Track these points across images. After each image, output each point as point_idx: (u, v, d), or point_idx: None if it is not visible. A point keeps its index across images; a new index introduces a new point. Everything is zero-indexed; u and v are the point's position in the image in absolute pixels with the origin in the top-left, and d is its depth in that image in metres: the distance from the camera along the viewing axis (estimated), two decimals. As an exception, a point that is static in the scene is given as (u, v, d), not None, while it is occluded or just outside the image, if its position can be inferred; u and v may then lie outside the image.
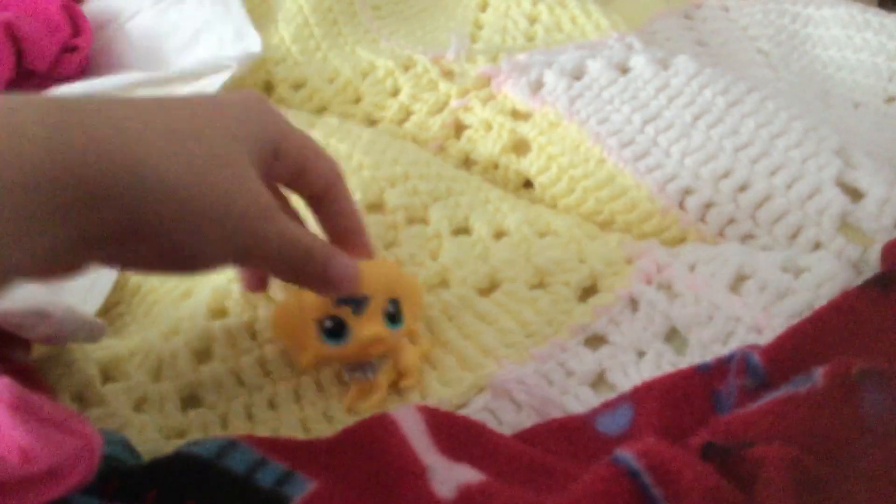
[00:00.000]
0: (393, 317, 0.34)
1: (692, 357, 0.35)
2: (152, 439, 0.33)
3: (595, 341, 0.37)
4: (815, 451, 0.25)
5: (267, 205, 0.30)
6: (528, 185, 0.48)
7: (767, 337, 0.34)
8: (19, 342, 0.33)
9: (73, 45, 0.60)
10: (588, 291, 0.40)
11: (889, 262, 0.36)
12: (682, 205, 0.42)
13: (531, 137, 0.48)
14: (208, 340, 0.37)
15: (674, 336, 0.37)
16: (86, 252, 0.27)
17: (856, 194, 0.41)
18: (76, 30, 0.60)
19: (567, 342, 0.37)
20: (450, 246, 0.41)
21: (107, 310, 0.43)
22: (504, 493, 0.26)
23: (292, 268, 0.31)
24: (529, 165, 0.47)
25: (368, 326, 0.33)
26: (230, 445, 0.29)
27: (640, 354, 0.36)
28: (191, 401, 0.35)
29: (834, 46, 0.59)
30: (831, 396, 0.27)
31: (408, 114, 0.53)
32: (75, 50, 0.60)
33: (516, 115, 0.49)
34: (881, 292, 0.32)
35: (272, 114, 0.32)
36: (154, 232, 0.27)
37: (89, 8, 0.62)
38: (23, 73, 0.58)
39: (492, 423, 0.33)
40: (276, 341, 0.36)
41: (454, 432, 0.31)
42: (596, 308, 0.38)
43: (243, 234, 0.29)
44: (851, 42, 0.58)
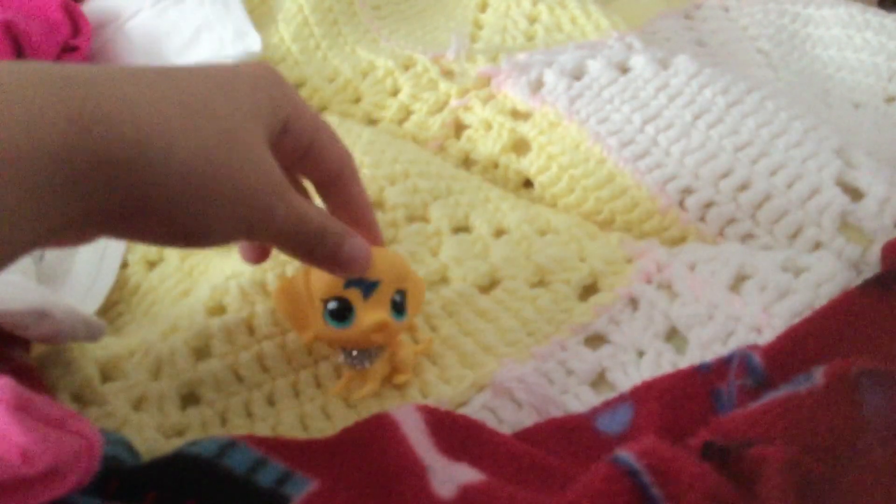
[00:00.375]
0: (398, 307, 0.34)
1: (692, 357, 0.35)
2: (152, 438, 0.33)
3: (595, 340, 0.37)
4: (815, 451, 0.25)
5: (278, 181, 0.29)
6: (528, 184, 0.48)
7: (767, 337, 0.34)
8: (19, 341, 0.33)
9: (73, 45, 0.60)
10: (588, 290, 0.40)
11: (889, 262, 0.36)
12: (682, 204, 0.42)
13: (531, 137, 0.48)
14: (207, 338, 0.37)
15: (674, 336, 0.37)
16: (95, 224, 0.26)
17: (856, 194, 0.41)
18: (76, 29, 0.60)
19: (567, 341, 0.37)
20: (450, 244, 0.41)
21: (106, 309, 0.43)
22: (504, 492, 0.26)
23: (304, 246, 0.31)
24: (529, 165, 0.47)
25: (374, 312, 0.33)
26: (230, 445, 0.29)
27: (640, 354, 0.36)
28: (190, 399, 0.35)
29: (834, 46, 0.59)
30: (831, 396, 0.27)
31: (408, 113, 0.53)
32: (75, 50, 0.60)
33: (516, 114, 0.49)
34: (881, 292, 0.32)
35: (284, 87, 0.32)
36: (163, 206, 0.26)
37: (89, 7, 0.62)
38: (22, 73, 0.58)
39: (492, 422, 0.33)
40: (274, 331, 0.36)
41: (454, 432, 0.31)
42: (596, 307, 0.38)
43: (253, 210, 0.28)
44: (851, 42, 0.58)
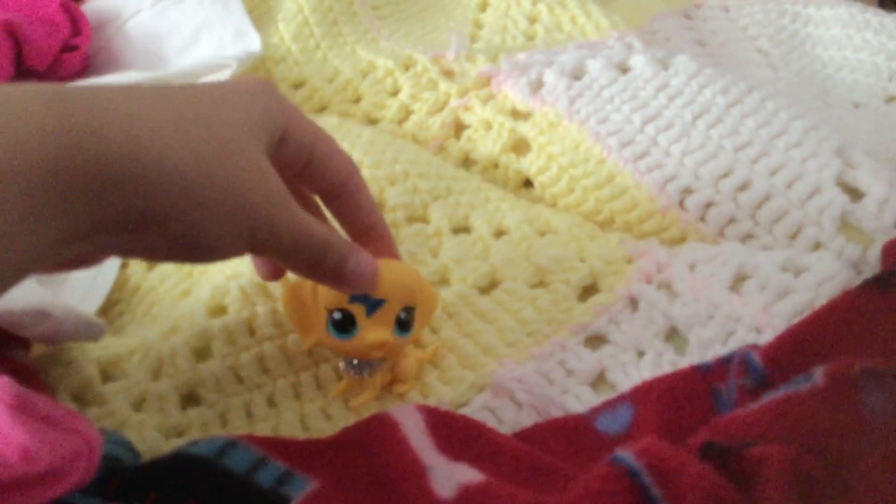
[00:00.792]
0: (403, 324, 0.34)
1: (692, 357, 0.35)
2: (152, 438, 0.33)
3: (595, 341, 0.37)
4: (815, 451, 0.25)
5: (278, 192, 0.29)
6: (528, 184, 0.48)
7: (767, 336, 0.34)
8: (19, 341, 0.33)
9: (73, 45, 0.60)
10: (588, 290, 0.40)
11: (889, 262, 0.36)
12: (682, 204, 0.42)
13: (531, 137, 0.48)
14: (207, 339, 0.36)
15: (674, 335, 0.37)
16: (96, 242, 0.26)
17: (856, 194, 0.41)
18: (76, 29, 0.60)
19: (567, 341, 0.37)
20: (450, 244, 0.41)
21: (106, 309, 0.43)
22: (504, 492, 0.26)
23: (308, 262, 0.30)
24: (529, 165, 0.47)
25: (377, 331, 0.33)
26: (230, 445, 0.29)
27: (640, 354, 0.36)
28: (190, 399, 0.35)
29: (834, 46, 0.59)
30: (831, 396, 0.27)
31: (408, 113, 0.53)
32: (75, 49, 0.60)
33: (516, 114, 0.49)
34: (881, 292, 0.32)
35: (279, 100, 0.31)
36: (162, 221, 0.26)
37: (89, 7, 0.62)
38: (22, 73, 0.58)
39: (492, 422, 0.33)
40: (275, 333, 0.36)
41: (454, 432, 0.31)
42: (596, 307, 0.38)
43: (254, 222, 0.28)
44: (851, 42, 0.58)
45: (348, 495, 0.28)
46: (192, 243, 0.27)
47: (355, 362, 0.34)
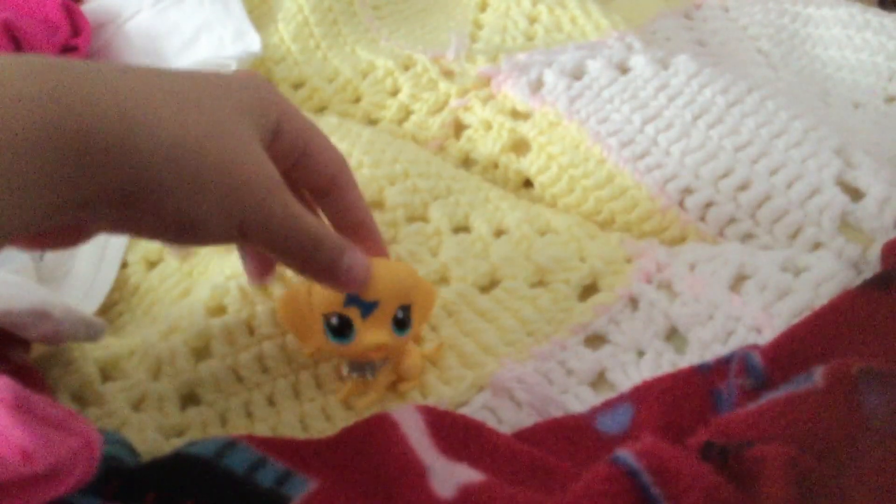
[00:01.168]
0: (401, 323, 0.34)
1: (692, 357, 0.35)
2: (151, 438, 0.33)
3: (595, 340, 0.37)
4: (815, 451, 0.25)
5: (272, 179, 0.29)
6: (527, 184, 0.48)
7: (767, 336, 0.34)
8: (18, 341, 0.33)
9: (73, 45, 0.60)
10: (588, 290, 0.40)
11: (889, 262, 0.36)
12: (682, 204, 0.42)
13: (531, 137, 0.48)
14: (207, 338, 0.36)
15: (674, 335, 0.37)
16: (86, 216, 0.26)
17: (856, 194, 0.41)
18: (75, 29, 0.60)
19: (567, 341, 0.37)
20: (450, 243, 0.41)
21: (106, 309, 0.43)
22: (504, 492, 0.26)
23: (300, 254, 0.30)
24: (529, 165, 0.47)
25: (374, 332, 0.33)
26: (230, 445, 0.29)
27: (640, 354, 0.36)
28: (190, 399, 0.35)
29: (834, 46, 0.59)
30: (831, 396, 0.27)
31: (407, 113, 0.53)
32: (74, 50, 0.60)
33: (516, 114, 0.49)
34: (881, 292, 0.32)
35: (275, 93, 0.31)
36: (152, 195, 0.26)
37: (89, 7, 0.62)
38: (22, 73, 0.58)
39: (492, 422, 0.33)
40: (274, 332, 0.36)
41: (454, 432, 0.31)
42: (596, 307, 0.38)
43: (246, 204, 0.28)
44: (851, 42, 0.58)
45: (348, 495, 0.28)
46: (182, 221, 0.27)
47: (357, 365, 0.34)
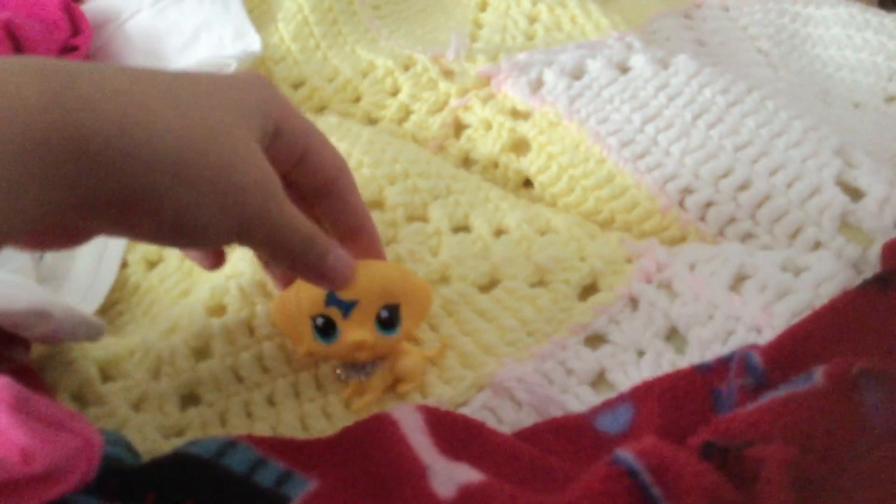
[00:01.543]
0: (387, 322, 0.34)
1: (692, 356, 0.35)
2: (151, 438, 0.33)
3: (595, 340, 0.37)
4: (814, 451, 0.25)
5: (270, 181, 0.29)
6: (527, 184, 0.48)
7: (767, 336, 0.34)
8: (19, 341, 0.33)
9: (73, 45, 0.60)
10: (588, 290, 0.40)
11: (889, 262, 0.36)
12: (681, 204, 0.42)
13: (531, 136, 0.47)
14: (207, 338, 0.36)
15: (674, 335, 0.37)
16: (84, 218, 0.26)
17: (856, 194, 0.41)
18: (75, 29, 0.60)
19: (567, 341, 0.37)
20: (450, 243, 0.41)
21: (106, 309, 0.43)
22: (504, 492, 0.26)
23: (291, 253, 0.30)
24: (529, 164, 0.47)
25: (354, 331, 0.33)
26: (230, 445, 0.29)
27: (640, 354, 0.36)
28: (190, 399, 0.35)
29: (834, 46, 0.59)
30: (831, 396, 0.27)
31: (407, 113, 0.53)
32: (75, 49, 0.60)
33: (516, 114, 0.49)
34: (881, 292, 0.32)
35: (275, 94, 0.31)
36: (150, 197, 0.26)
37: (89, 7, 0.62)
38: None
39: (492, 422, 0.33)
40: (274, 332, 0.37)
41: (454, 432, 0.31)
42: (596, 307, 0.38)
43: (246, 208, 0.28)
44: (851, 41, 0.58)
45: (348, 495, 0.28)
46: (180, 225, 0.27)
47: (350, 366, 0.35)
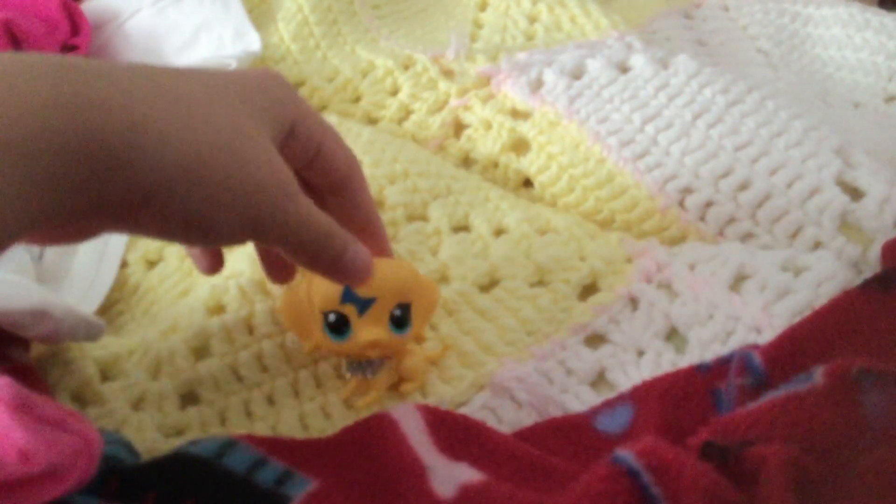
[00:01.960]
0: (399, 321, 0.34)
1: (692, 356, 0.35)
2: (151, 438, 0.33)
3: (595, 340, 0.37)
4: (814, 451, 0.25)
5: (287, 178, 0.28)
6: (527, 184, 0.48)
7: (767, 336, 0.34)
8: (18, 341, 0.33)
9: (73, 45, 0.60)
10: (588, 290, 0.40)
11: (889, 261, 0.36)
12: (681, 204, 0.42)
13: (531, 136, 0.47)
14: (206, 337, 0.36)
15: (674, 335, 0.37)
16: (94, 217, 0.26)
17: (856, 193, 0.41)
18: (75, 29, 0.60)
19: (567, 341, 0.37)
20: (450, 243, 0.41)
21: (106, 308, 0.43)
22: (504, 492, 0.26)
23: (310, 250, 0.30)
24: (529, 164, 0.47)
25: (369, 329, 0.33)
26: (229, 445, 0.29)
27: (640, 353, 0.36)
28: (189, 398, 0.35)
29: (834, 46, 0.59)
30: (831, 396, 0.26)
31: (407, 113, 0.53)
32: (74, 49, 0.60)
33: (516, 114, 0.49)
34: (881, 292, 0.32)
35: (290, 91, 0.31)
36: (162, 200, 0.26)
37: (88, 7, 0.62)
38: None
39: (492, 422, 0.33)
40: (274, 331, 0.37)
41: (454, 431, 0.31)
42: (596, 307, 0.38)
43: (260, 207, 0.27)
44: (851, 41, 0.58)
45: (348, 495, 0.28)
46: (191, 224, 0.27)
47: (357, 363, 0.34)
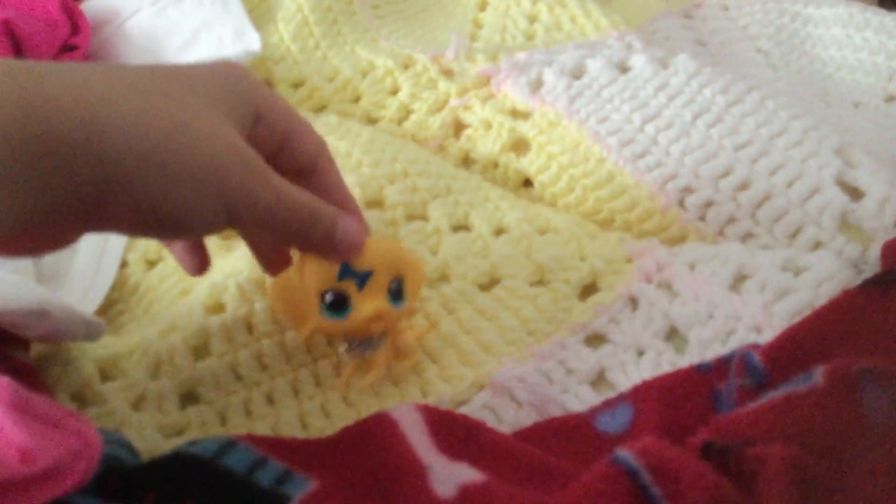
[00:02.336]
0: (396, 294, 0.34)
1: (692, 356, 0.35)
2: (151, 438, 0.33)
3: (595, 340, 0.37)
4: (815, 451, 0.25)
5: (251, 160, 0.28)
6: (527, 183, 0.48)
7: (767, 336, 0.34)
8: (18, 341, 0.33)
9: (72, 44, 0.60)
10: (588, 290, 0.40)
11: (889, 262, 0.36)
12: (681, 204, 0.42)
13: (531, 136, 0.47)
14: (206, 337, 0.36)
15: (674, 335, 0.37)
16: (65, 217, 0.25)
17: (856, 193, 0.41)
18: (75, 28, 0.60)
19: (567, 340, 0.37)
20: (449, 242, 0.41)
21: (105, 308, 0.43)
22: (504, 492, 0.26)
23: (299, 230, 0.30)
24: (529, 164, 0.47)
25: (371, 302, 0.33)
26: (229, 445, 0.29)
27: (640, 353, 0.36)
28: (189, 398, 0.35)
29: (834, 45, 0.59)
30: (832, 396, 0.27)
31: (407, 113, 0.53)
32: (74, 49, 0.60)
33: (516, 114, 0.49)
34: (881, 291, 0.32)
35: (252, 81, 0.31)
36: (127, 188, 0.25)
37: (88, 6, 0.62)
38: (22, 72, 0.58)
39: (492, 421, 0.33)
40: (273, 329, 0.36)
41: (454, 431, 0.31)
42: (596, 306, 0.38)
43: (226, 188, 0.27)
44: (851, 41, 0.58)
45: (348, 495, 0.28)
46: (160, 212, 0.27)
47: (357, 343, 0.34)
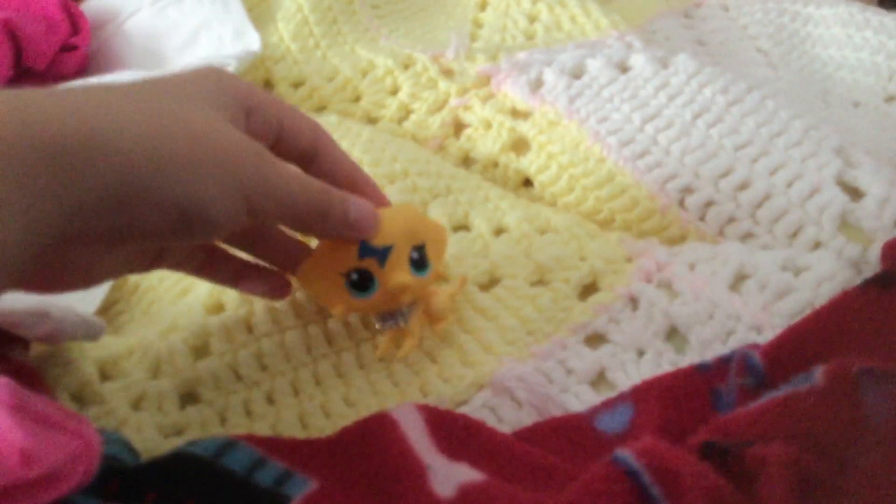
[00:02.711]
0: (419, 263, 0.34)
1: (692, 356, 0.35)
2: (151, 438, 0.33)
3: (595, 340, 0.37)
4: (815, 451, 0.25)
5: (254, 148, 0.29)
6: (527, 183, 0.48)
7: (767, 336, 0.34)
8: (18, 341, 0.33)
9: (72, 44, 0.60)
10: (588, 289, 0.40)
11: (889, 261, 0.36)
12: (681, 203, 0.42)
13: (531, 136, 0.47)
14: (205, 336, 0.37)
15: (674, 335, 0.37)
16: (80, 233, 0.25)
17: (856, 193, 0.40)
18: (75, 28, 0.60)
19: (567, 340, 0.37)
20: (449, 242, 0.41)
21: (105, 308, 0.43)
22: (504, 492, 0.26)
23: (316, 214, 0.30)
24: (529, 164, 0.47)
25: (394, 276, 0.33)
26: (229, 445, 0.29)
27: (640, 353, 0.36)
28: (189, 398, 0.35)
29: (834, 45, 0.59)
30: (831, 395, 0.27)
31: (407, 112, 0.53)
32: (74, 49, 0.60)
33: (516, 113, 0.49)
34: (881, 291, 0.32)
35: (234, 78, 0.31)
36: (139, 192, 0.25)
37: (88, 6, 0.62)
38: (21, 72, 0.58)
39: (492, 421, 0.33)
40: (273, 329, 0.37)
41: (454, 431, 0.31)
42: (596, 306, 0.38)
43: (244, 178, 0.28)
44: (851, 41, 0.58)
45: (348, 495, 0.28)
46: (185, 210, 0.27)
47: (388, 315, 0.35)
